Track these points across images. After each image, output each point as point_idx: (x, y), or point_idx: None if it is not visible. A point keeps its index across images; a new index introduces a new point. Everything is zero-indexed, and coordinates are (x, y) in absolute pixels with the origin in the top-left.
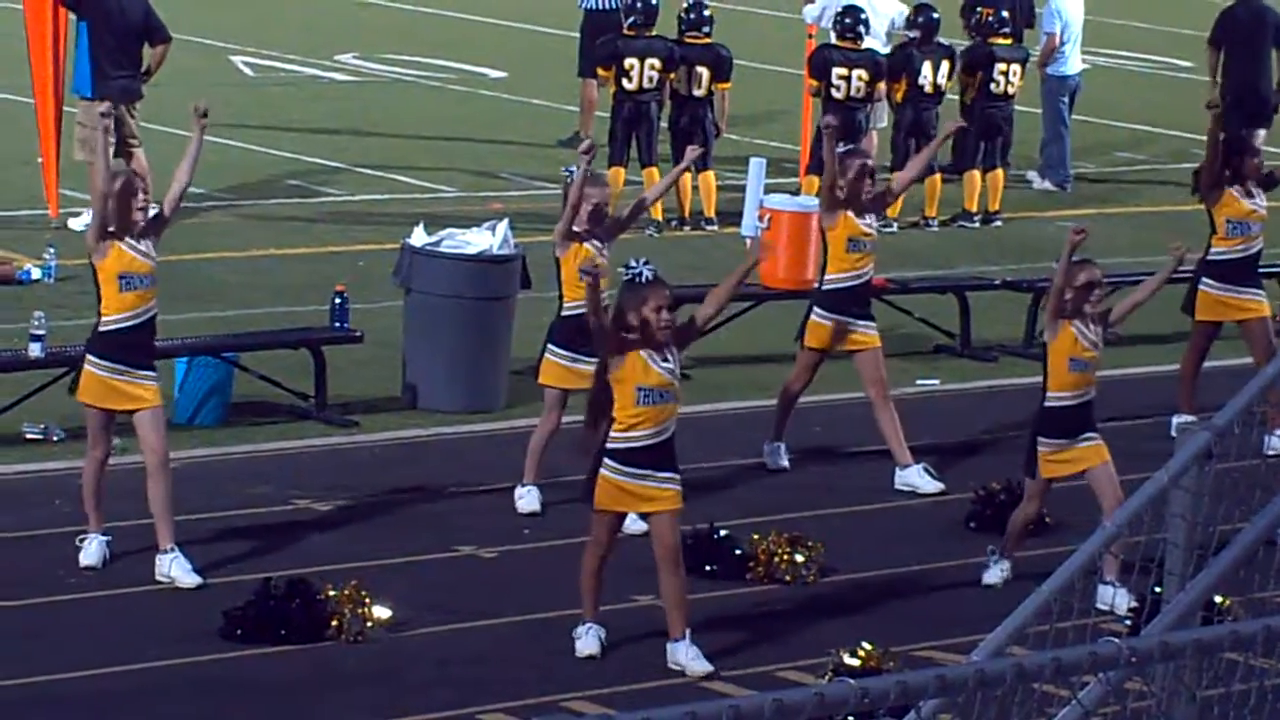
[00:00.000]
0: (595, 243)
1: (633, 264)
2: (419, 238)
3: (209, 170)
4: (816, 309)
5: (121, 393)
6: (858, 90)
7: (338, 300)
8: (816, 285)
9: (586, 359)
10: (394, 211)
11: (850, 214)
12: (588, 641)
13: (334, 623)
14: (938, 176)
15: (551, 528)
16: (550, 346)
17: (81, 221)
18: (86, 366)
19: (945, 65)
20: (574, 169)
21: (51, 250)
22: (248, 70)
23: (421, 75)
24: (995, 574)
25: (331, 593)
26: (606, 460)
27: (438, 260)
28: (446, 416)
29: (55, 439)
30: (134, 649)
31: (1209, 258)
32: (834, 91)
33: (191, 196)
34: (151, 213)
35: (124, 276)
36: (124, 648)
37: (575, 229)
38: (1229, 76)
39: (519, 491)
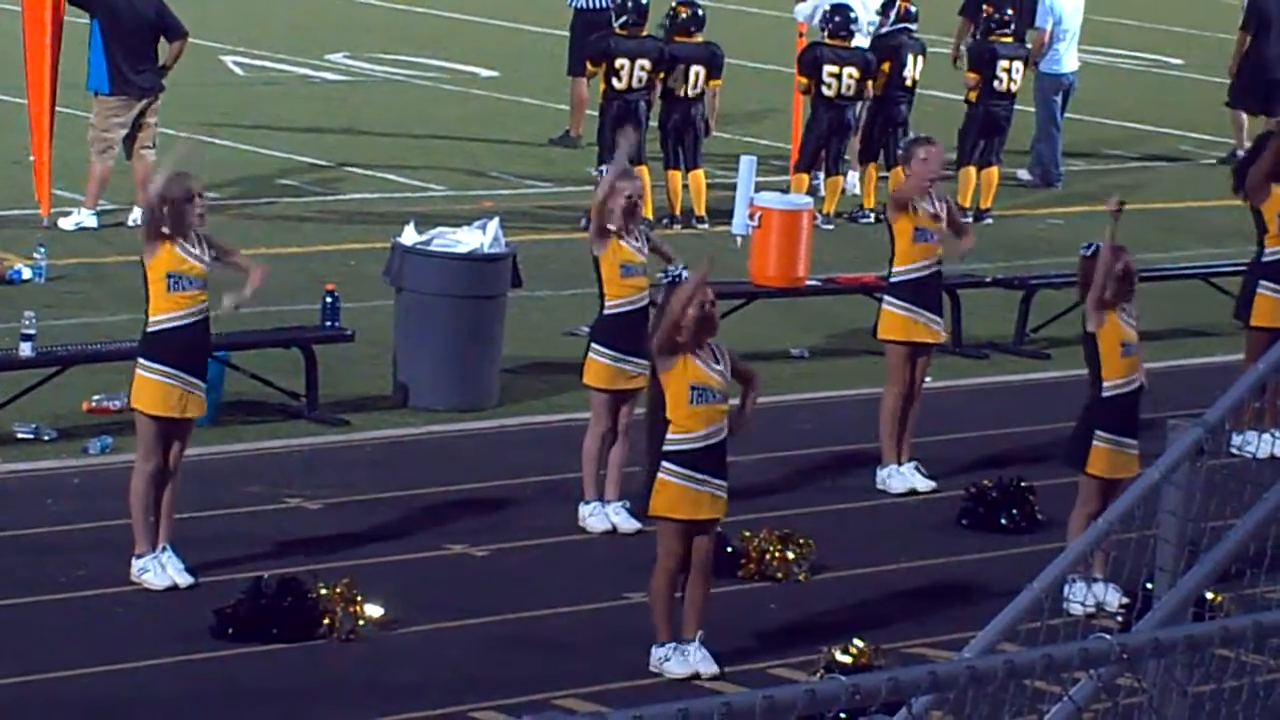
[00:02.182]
0: (632, 240)
1: (670, 269)
2: (410, 236)
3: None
4: (888, 299)
5: (177, 401)
6: (848, 88)
7: (329, 299)
8: (886, 278)
9: (631, 359)
10: (384, 210)
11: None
12: (677, 663)
13: (325, 621)
14: (874, 167)
15: (543, 526)
16: (594, 346)
17: (72, 221)
18: (140, 372)
19: (920, 61)
20: (605, 170)
21: (42, 250)
22: (238, 70)
23: (412, 74)
24: (1106, 596)
25: (323, 591)
26: (666, 464)
27: (428, 259)
28: (438, 415)
29: (46, 439)
30: (125, 648)
31: (1264, 259)
32: (824, 89)
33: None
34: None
35: (172, 276)
36: (115, 647)
37: (610, 226)
38: (1247, 59)
39: (582, 510)
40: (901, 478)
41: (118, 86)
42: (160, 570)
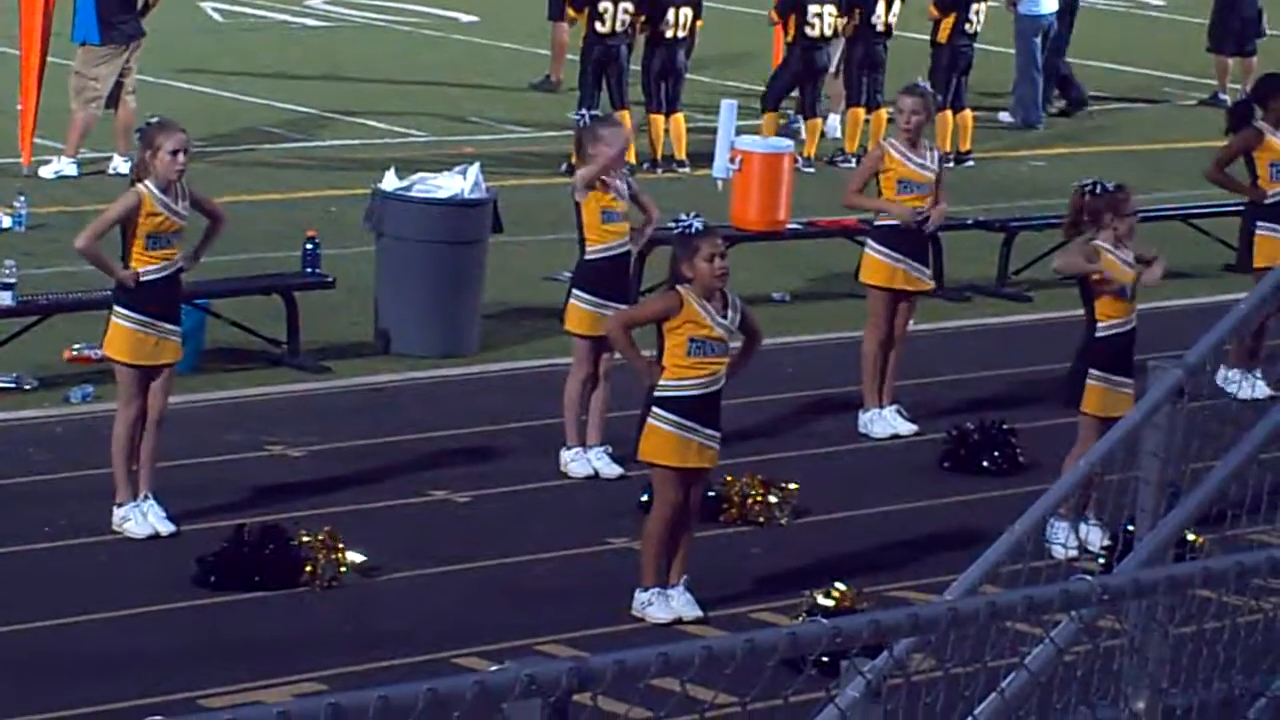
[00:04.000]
0: (615, 186)
1: (682, 217)
2: (390, 182)
3: (178, 117)
4: (870, 243)
5: (151, 347)
6: (829, 27)
7: (309, 246)
8: (871, 224)
9: (612, 304)
10: (365, 156)
11: (899, 155)
12: (660, 607)
13: (308, 568)
14: (860, 110)
15: (525, 472)
16: (575, 292)
17: (52, 169)
18: (114, 320)
19: (897, 4)
20: (584, 113)
21: (22, 199)
22: (217, 16)
23: (392, 20)
24: (1089, 538)
25: (305, 538)
26: (656, 410)
27: (409, 205)
28: (419, 361)
29: (27, 387)
30: (108, 596)
31: (1263, 202)
32: (807, 29)
33: None
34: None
35: (151, 236)
36: (97, 596)
37: (604, 178)
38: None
39: (564, 456)
40: (883, 421)
41: (106, 35)
42: (142, 519)
